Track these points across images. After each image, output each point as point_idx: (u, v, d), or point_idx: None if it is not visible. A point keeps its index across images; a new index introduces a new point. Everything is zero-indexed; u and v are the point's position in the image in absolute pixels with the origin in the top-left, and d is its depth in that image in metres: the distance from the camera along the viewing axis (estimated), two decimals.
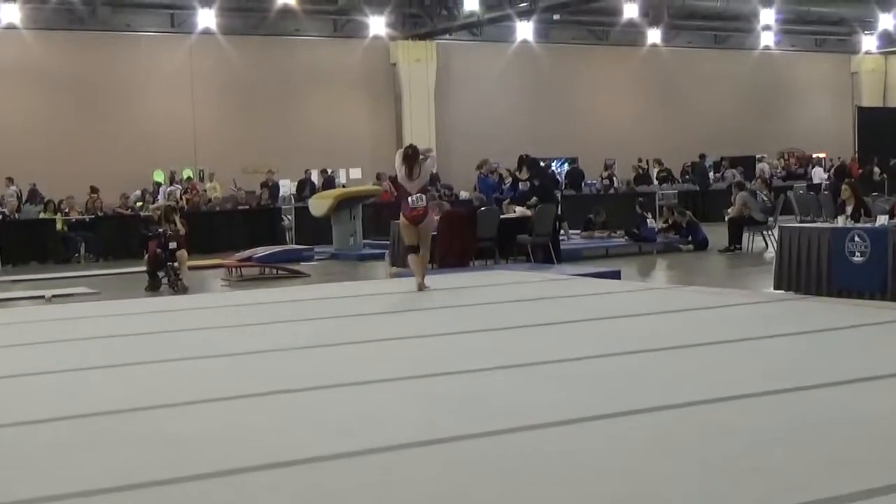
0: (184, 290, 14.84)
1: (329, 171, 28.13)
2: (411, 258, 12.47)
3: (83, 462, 5.16)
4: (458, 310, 10.86)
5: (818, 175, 30.24)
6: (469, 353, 8.03)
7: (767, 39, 36.88)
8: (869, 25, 36.43)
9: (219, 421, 5.99)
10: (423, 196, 12.30)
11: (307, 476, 4.83)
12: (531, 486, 4.52)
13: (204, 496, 4.59)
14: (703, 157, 30.18)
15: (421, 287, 12.13)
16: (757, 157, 34.37)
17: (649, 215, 20.50)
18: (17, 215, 22.68)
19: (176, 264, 15.26)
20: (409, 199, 12.13)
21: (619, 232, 20.78)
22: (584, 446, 5.20)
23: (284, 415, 6.10)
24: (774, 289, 12.15)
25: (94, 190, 23.54)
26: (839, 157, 33.48)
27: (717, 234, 19.54)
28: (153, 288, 15.20)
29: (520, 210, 17.14)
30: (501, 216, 16.90)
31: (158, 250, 15.29)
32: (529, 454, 5.05)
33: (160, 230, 15.57)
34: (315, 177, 27.87)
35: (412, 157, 12.09)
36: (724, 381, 6.57)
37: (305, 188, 26.62)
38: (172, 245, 15.26)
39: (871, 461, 4.73)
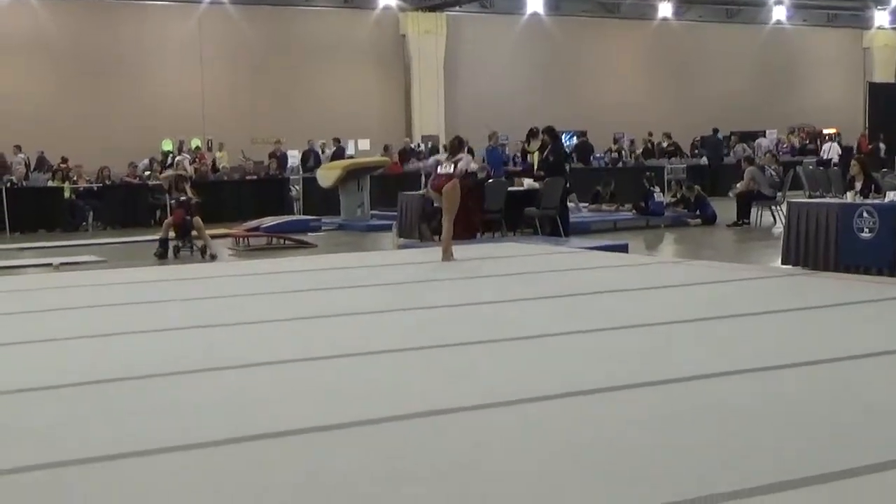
0: (212, 258, 14.95)
1: (340, 141, 27.98)
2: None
3: (86, 430, 5.18)
4: (464, 282, 10.86)
5: (834, 151, 29.94)
6: (473, 324, 8.04)
7: (779, 14, 36.69)
8: (882, 0, 36.18)
9: (227, 390, 6.01)
10: (451, 170, 12.71)
11: (313, 446, 4.84)
12: (532, 456, 4.53)
13: (209, 464, 4.60)
14: (716, 130, 30.06)
15: (447, 257, 12.43)
16: (766, 132, 34.22)
17: (657, 189, 20.46)
18: (24, 183, 22.68)
19: (194, 233, 15.37)
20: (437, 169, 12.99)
21: (626, 206, 20.76)
22: (584, 419, 5.21)
23: (289, 385, 6.12)
24: (782, 264, 12.12)
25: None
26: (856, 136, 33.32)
27: (725, 209, 19.50)
28: (164, 256, 15.25)
29: (528, 182, 17.10)
30: (509, 188, 16.88)
31: (187, 217, 15.37)
32: (529, 426, 5.06)
33: (183, 198, 15.63)
34: (318, 147, 27.77)
35: (456, 146, 12.96)
36: (730, 355, 6.58)
37: (310, 159, 26.57)
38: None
39: (874, 437, 4.74)
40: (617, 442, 4.74)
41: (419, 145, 29.73)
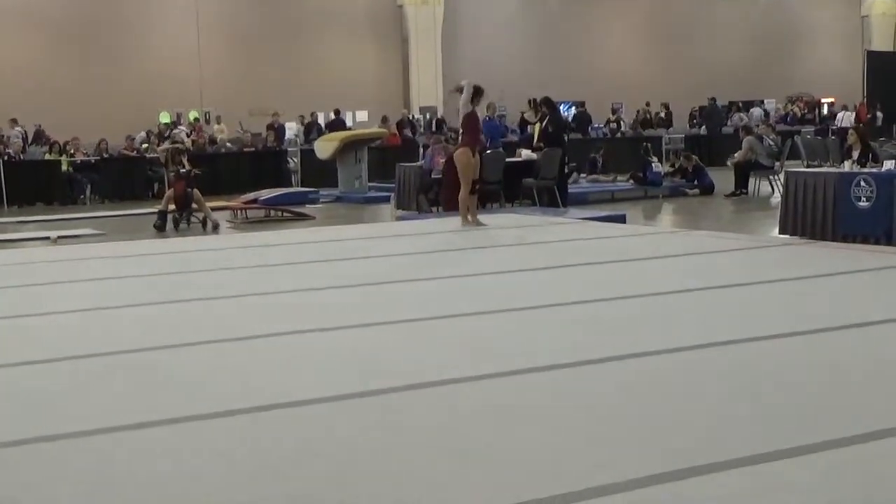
0: (215, 229, 14.99)
1: (339, 112, 27.89)
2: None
3: (83, 402, 5.20)
4: (462, 253, 10.88)
5: (847, 120, 29.66)
6: (472, 295, 8.06)
7: None
8: None
9: (221, 362, 6.03)
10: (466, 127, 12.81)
11: (312, 417, 4.87)
12: (527, 426, 4.56)
13: (201, 436, 4.63)
14: (713, 100, 30.01)
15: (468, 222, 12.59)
16: (765, 101, 34.16)
17: (655, 159, 20.45)
18: (21, 156, 22.64)
19: (194, 205, 15.40)
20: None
21: (622, 177, 20.78)
22: (583, 389, 5.23)
23: (281, 357, 6.14)
24: (780, 233, 12.14)
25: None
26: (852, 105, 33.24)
27: (723, 179, 19.49)
28: (162, 228, 15.27)
29: (525, 153, 17.10)
30: (507, 160, 16.87)
31: (189, 189, 15.38)
32: (529, 396, 5.09)
33: (183, 170, 15.64)
34: (321, 119, 27.74)
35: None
36: (726, 325, 6.60)
37: (312, 130, 26.54)
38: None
39: (869, 405, 4.77)
40: (607, 411, 4.76)
41: (414, 117, 29.66)
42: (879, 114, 30.98)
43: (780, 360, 5.67)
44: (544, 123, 16.51)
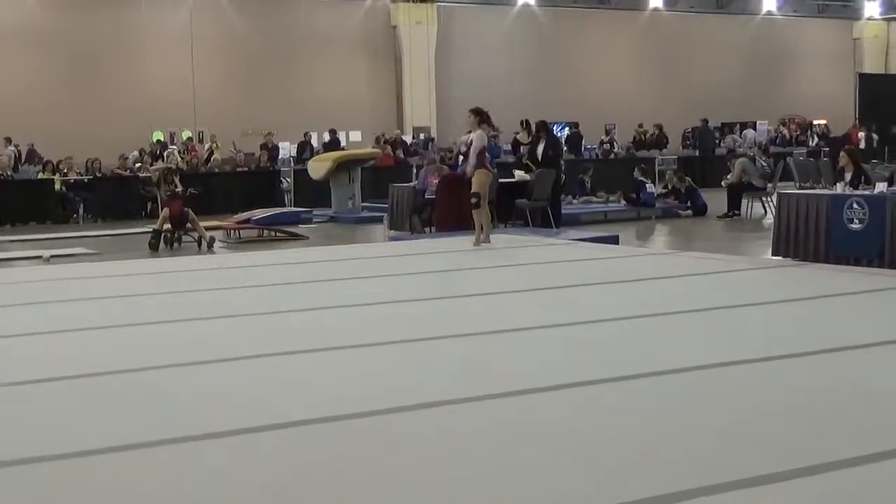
0: (210, 247, 15.00)
1: (335, 132, 27.87)
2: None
3: (74, 423, 5.18)
4: (456, 273, 10.88)
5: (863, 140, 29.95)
6: (466, 317, 8.05)
7: (770, 4, 36.76)
8: None
9: (217, 382, 6.01)
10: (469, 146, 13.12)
11: (302, 438, 4.86)
12: (528, 449, 4.55)
13: (195, 457, 4.61)
14: (705, 121, 30.11)
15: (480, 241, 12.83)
16: (757, 123, 34.24)
17: (649, 181, 20.48)
18: (11, 174, 22.54)
19: (189, 225, 15.41)
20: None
21: (612, 197, 20.79)
22: (581, 410, 5.22)
23: (277, 378, 6.13)
24: (772, 255, 12.15)
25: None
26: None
27: (716, 200, 19.53)
28: (156, 247, 15.24)
29: (519, 174, 17.11)
30: (501, 180, 16.86)
31: (185, 209, 15.39)
32: (528, 418, 5.08)
33: (178, 189, 15.65)
34: (315, 140, 27.75)
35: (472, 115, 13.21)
36: (721, 346, 6.60)
37: (306, 150, 26.54)
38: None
39: (864, 428, 4.76)
40: (604, 434, 4.76)
41: (409, 141, 29.69)
42: (874, 135, 31.07)
43: (778, 381, 5.67)
44: (543, 147, 16.49)
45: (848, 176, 12.66)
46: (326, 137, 27.39)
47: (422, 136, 30.18)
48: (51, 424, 5.14)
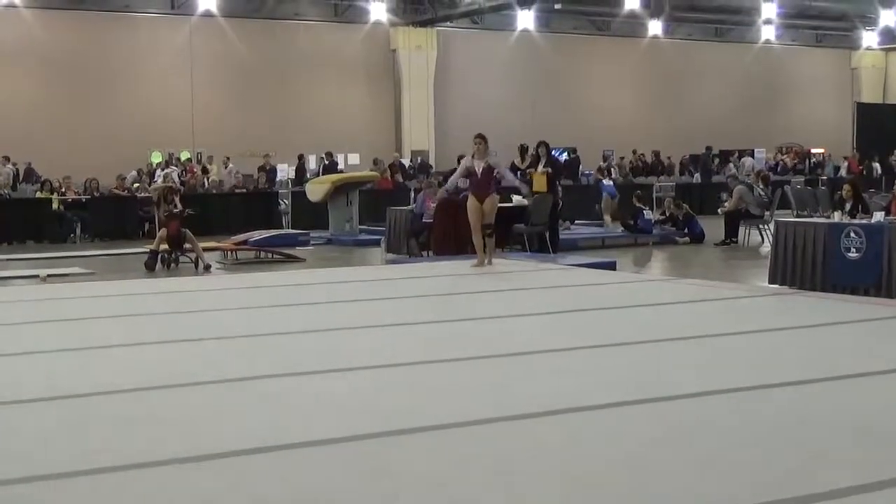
0: (207, 269, 15.00)
1: (332, 155, 27.92)
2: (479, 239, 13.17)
3: (66, 443, 5.15)
4: (455, 297, 10.87)
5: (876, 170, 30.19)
6: (466, 340, 8.03)
7: (768, 33, 36.87)
8: (870, 21, 36.41)
9: (209, 404, 5.99)
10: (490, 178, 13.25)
11: (296, 460, 4.83)
12: (525, 476, 4.52)
13: (186, 480, 4.58)
14: (709, 149, 30.16)
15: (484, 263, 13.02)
16: (755, 151, 34.33)
17: (646, 208, 20.51)
18: (9, 192, 22.54)
19: (187, 245, 15.41)
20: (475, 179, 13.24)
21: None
22: (575, 436, 5.20)
23: (271, 400, 6.10)
24: (769, 283, 12.15)
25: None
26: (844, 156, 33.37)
27: (713, 228, 19.54)
28: (153, 267, 15.23)
29: (516, 199, 17.11)
30: (499, 204, 16.85)
31: (183, 229, 15.41)
32: (523, 443, 5.06)
33: (176, 210, 15.67)
34: (313, 163, 27.79)
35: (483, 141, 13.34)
36: (717, 374, 6.58)
37: (304, 173, 26.58)
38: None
39: (859, 458, 4.74)
40: (602, 462, 4.74)
41: (410, 163, 29.74)
42: (876, 164, 31.13)
43: (773, 410, 5.65)
44: (546, 167, 16.42)
45: (848, 205, 12.69)
46: (325, 161, 27.38)
47: (419, 159, 30.21)
48: (38, 444, 5.10)
